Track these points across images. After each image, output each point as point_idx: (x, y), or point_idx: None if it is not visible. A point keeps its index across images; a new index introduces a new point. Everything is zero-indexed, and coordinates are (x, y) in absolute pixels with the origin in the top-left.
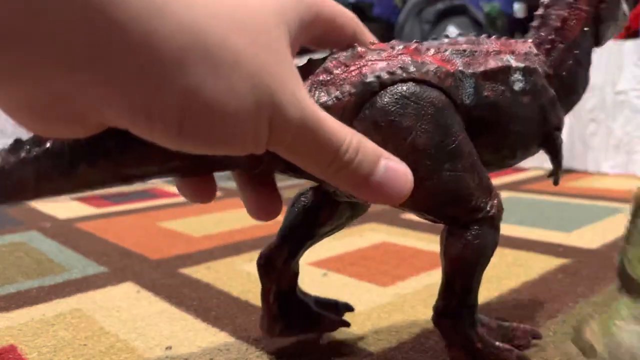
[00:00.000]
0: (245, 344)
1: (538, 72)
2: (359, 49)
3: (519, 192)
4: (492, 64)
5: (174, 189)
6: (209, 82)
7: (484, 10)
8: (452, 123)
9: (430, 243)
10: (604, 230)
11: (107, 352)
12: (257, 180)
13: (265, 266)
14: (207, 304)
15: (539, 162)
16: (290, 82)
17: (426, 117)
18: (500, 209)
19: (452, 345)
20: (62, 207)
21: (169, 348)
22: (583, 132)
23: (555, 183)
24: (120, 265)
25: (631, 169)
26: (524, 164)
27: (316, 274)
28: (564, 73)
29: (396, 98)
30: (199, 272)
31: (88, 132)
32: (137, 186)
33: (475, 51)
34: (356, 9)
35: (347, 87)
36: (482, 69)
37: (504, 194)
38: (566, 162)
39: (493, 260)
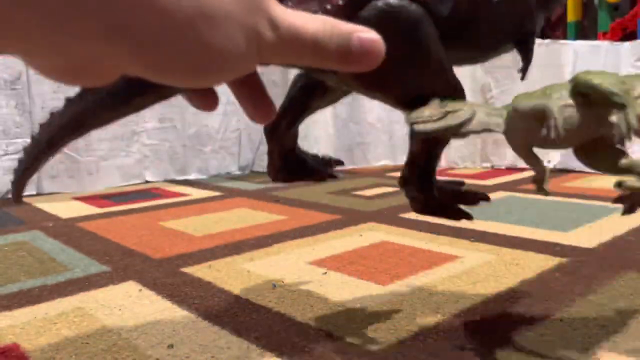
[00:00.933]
0: (247, 342)
1: None
2: None
3: (516, 192)
4: None
5: (175, 188)
6: (212, 35)
7: None
8: (425, 35)
9: (429, 242)
10: (601, 230)
11: (109, 350)
12: (250, 89)
13: (271, 131)
14: (208, 303)
15: None
16: (266, 12)
17: (401, 30)
18: None
19: (415, 201)
20: (65, 207)
21: (170, 346)
22: None
23: (522, 78)
24: (122, 264)
25: None
26: (523, 164)
27: (316, 273)
28: None
29: (377, 11)
30: (200, 271)
31: (110, 81)
32: (138, 186)
33: None
34: None
35: None
36: None
37: (502, 194)
38: (564, 162)
39: (491, 259)
